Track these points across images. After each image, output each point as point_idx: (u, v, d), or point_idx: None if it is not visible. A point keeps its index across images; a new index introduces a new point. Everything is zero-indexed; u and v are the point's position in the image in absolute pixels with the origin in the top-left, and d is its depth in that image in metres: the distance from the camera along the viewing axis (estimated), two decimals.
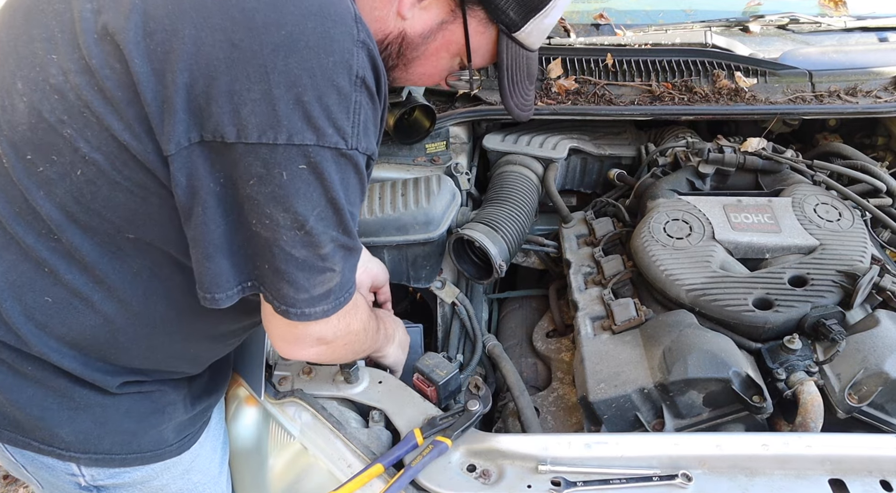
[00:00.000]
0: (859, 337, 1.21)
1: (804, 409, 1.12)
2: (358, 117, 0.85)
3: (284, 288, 0.89)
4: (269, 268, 0.88)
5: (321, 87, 0.81)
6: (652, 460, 1.05)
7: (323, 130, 0.82)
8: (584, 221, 1.73)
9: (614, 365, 1.28)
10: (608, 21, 2.20)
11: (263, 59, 0.80)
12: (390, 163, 1.75)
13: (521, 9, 0.95)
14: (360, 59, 0.84)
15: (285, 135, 0.81)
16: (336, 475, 1.10)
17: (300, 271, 0.88)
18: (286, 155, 0.81)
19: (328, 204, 0.86)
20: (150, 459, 1.11)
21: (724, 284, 1.33)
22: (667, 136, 1.93)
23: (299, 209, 0.84)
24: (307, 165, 0.83)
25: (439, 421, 1.13)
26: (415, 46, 0.99)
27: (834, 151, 1.84)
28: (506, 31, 0.98)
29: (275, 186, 0.83)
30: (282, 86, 0.80)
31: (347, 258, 0.94)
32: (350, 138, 0.84)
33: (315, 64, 0.81)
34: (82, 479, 1.09)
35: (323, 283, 0.91)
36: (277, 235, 0.85)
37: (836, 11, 2.27)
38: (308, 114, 0.81)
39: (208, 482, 1.22)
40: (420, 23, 0.97)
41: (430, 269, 1.62)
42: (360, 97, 0.85)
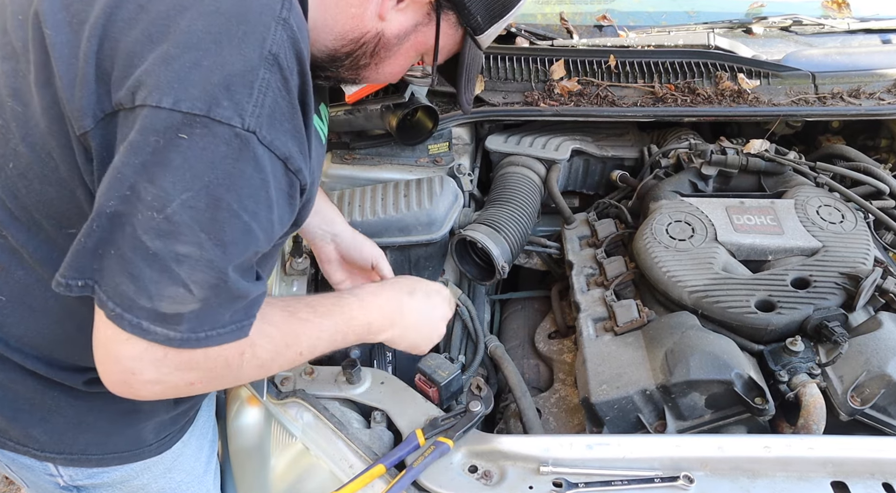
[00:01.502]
0: (862, 339, 1.21)
1: (806, 411, 1.12)
2: (262, 97, 0.76)
3: (124, 284, 0.75)
4: (115, 254, 0.75)
5: (225, 54, 0.74)
6: (654, 461, 1.05)
7: (217, 100, 0.73)
8: (587, 223, 1.73)
9: (616, 367, 1.28)
10: (611, 22, 2.20)
11: (168, 19, 0.75)
12: (393, 164, 1.75)
13: (488, 14, 0.98)
14: (278, 37, 0.77)
15: (171, 98, 0.72)
16: (338, 476, 1.10)
17: (147, 267, 0.74)
18: (168, 120, 0.72)
19: (203, 192, 0.74)
20: (128, 458, 1.09)
21: (726, 285, 1.33)
22: (669, 137, 1.93)
23: (165, 185, 0.73)
24: (188, 136, 0.72)
25: (441, 422, 1.13)
26: (389, 47, 0.98)
27: (837, 153, 1.84)
28: (471, 34, 1.00)
29: (146, 154, 0.73)
30: (181, 46, 0.74)
31: (214, 291, 0.77)
32: (248, 118, 0.74)
33: (223, 29, 0.75)
34: (60, 479, 1.08)
35: (173, 299, 0.76)
36: (134, 210, 0.73)
37: (840, 13, 2.27)
38: (204, 80, 0.73)
39: (192, 480, 1.21)
40: (396, 24, 0.96)
41: (433, 270, 1.63)
42: (269, 76, 0.76)
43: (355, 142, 1.76)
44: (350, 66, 0.98)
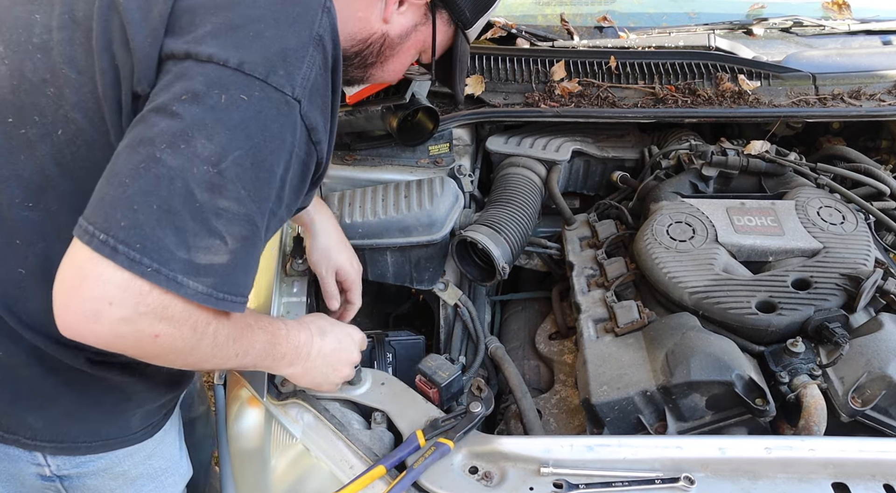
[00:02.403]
0: (863, 340, 1.21)
1: (807, 412, 1.12)
2: (310, 72, 0.86)
3: (167, 237, 0.76)
4: (158, 208, 0.76)
5: (282, 29, 0.84)
6: (654, 462, 1.05)
7: (275, 68, 0.82)
8: (587, 224, 1.73)
9: (617, 367, 1.28)
10: (612, 24, 2.20)
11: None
12: (393, 164, 1.75)
13: (475, 9, 1.11)
14: (324, 21, 0.88)
15: (236, 60, 0.81)
16: (338, 477, 1.10)
17: (192, 220, 0.77)
18: (233, 78, 0.80)
19: (251, 151, 0.81)
20: (114, 445, 1.12)
21: (727, 286, 1.33)
22: (670, 138, 1.93)
23: (223, 141, 0.79)
24: (248, 97, 0.80)
25: (441, 423, 1.13)
26: (393, 46, 1.09)
27: (837, 154, 1.84)
28: (462, 28, 1.12)
29: (208, 108, 0.78)
30: (245, 17, 0.83)
31: (244, 243, 0.83)
32: (297, 88, 0.84)
33: (280, 9, 0.85)
34: (47, 469, 1.09)
35: (208, 250, 0.79)
36: (188, 164, 0.77)
37: (840, 14, 2.27)
38: (264, 48, 0.82)
39: (169, 466, 1.24)
40: (398, 26, 1.08)
41: (433, 271, 1.63)
42: (316, 54, 0.87)
43: (356, 143, 1.76)
44: (359, 64, 1.09)
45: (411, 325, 2.01)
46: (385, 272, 1.62)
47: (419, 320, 2.02)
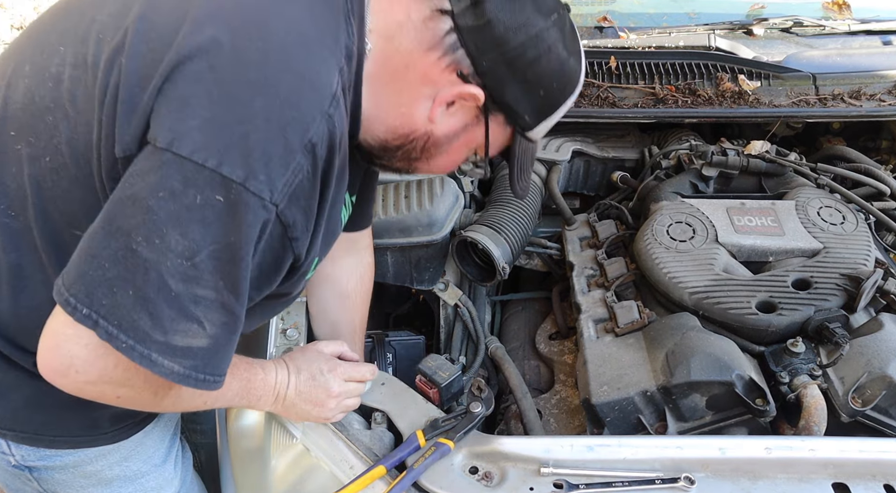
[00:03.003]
0: (863, 341, 1.21)
1: (807, 412, 1.12)
2: (293, 178, 0.84)
3: (142, 320, 0.81)
4: (134, 294, 0.81)
5: (272, 133, 0.82)
6: (654, 463, 1.05)
7: (255, 172, 0.81)
8: (587, 224, 1.73)
9: (617, 368, 1.28)
10: (612, 24, 2.20)
11: (231, 87, 0.82)
12: None
13: (536, 114, 1.01)
14: (320, 129, 0.85)
15: (216, 160, 0.79)
16: (338, 477, 1.10)
17: (168, 307, 0.82)
18: (209, 180, 0.79)
19: (228, 247, 0.82)
20: (80, 444, 1.12)
21: (727, 287, 1.33)
22: (670, 138, 1.93)
23: (197, 238, 0.81)
24: (224, 199, 0.80)
25: (441, 423, 1.13)
26: (439, 145, 1.03)
27: (837, 154, 1.84)
28: (520, 132, 1.04)
29: (183, 207, 0.80)
30: (236, 116, 0.81)
31: (223, 328, 0.86)
32: (276, 193, 0.83)
33: (276, 112, 0.82)
34: (12, 457, 1.11)
35: (185, 334, 0.83)
36: (162, 258, 0.80)
37: (840, 15, 2.27)
38: (248, 151, 0.80)
39: (150, 469, 1.23)
40: (446, 126, 1.01)
41: (434, 271, 1.63)
42: (304, 161, 0.84)
43: None
44: (402, 157, 1.04)
45: (411, 325, 2.01)
46: (385, 272, 1.62)
47: (419, 320, 2.02)
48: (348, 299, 1.39)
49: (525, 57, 0.94)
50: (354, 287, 1.39)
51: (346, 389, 1.15)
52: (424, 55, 0.94)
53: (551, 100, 1.00)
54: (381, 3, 0.95)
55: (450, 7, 0.93)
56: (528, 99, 0.98)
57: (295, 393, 1.11)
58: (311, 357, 1.16)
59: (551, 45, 0.96)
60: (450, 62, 0.94)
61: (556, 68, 0.97)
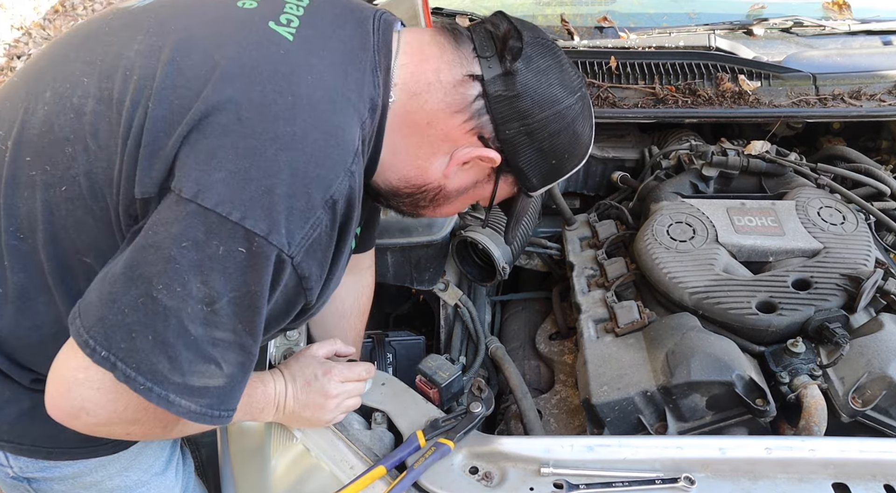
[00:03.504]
0: (863, 341, 1.21)
1: (808, 413, 1.12)
2: (312, 232, 0.86)
3: (161, 364, 0.83)
4: (153, 339, 0.82)
5: (296, 189, 0.83)
6: (654, 463, 1.05)
7: (277, 227, 0.82)
8: (588, 224, 1.73)
9: (617, 368, 1.28)
10: (612, 24, 2.20)
11: (258, 141, 0.82)
12: None
13: (543, 179, 1.06)
14: (342, 186, 0.87)
15: (240, 214, 0.81)
16: (338, 477, 1.10)
17: (187, 350, 0.83)
18: (232, 232, 0.81)
19: (247, 295, 0.85)
20: (79, 455, 1.12)
21: (727, 287, 1.33)
22: (670, 138, 1.93)
23: (218, 286, 0.82)
24: (246, 250, 0.82)
25: (442, 423, 1.13)
26: (448, 198, 1.06)
27: (838, 155, 1.84)
28: (525, 192, 1.08)
29: (205, 257, 0.81)
30: (262, 170, 0.82)
31: (240, 368, 0.89)
32: (293, 246, 0.85)
33: (301, 168, 0.83)
34: (10, 469, 1.12)
35: (203, 374, 0.86)
36: (183, 304, 0.82)
37: (840, 15, 2.27)
38: (271, 206, 0.82)
39: (150, 479, 1.23)
40: (459, 181, 1.04)
41: (434, 271, 1.63)
42: (324, 217, 0.86)
43: None
44: (410, 204, 1.07)
45: (411, 325, 2.01)
46: (385, 273, 1.62)
47: (419, 320, 2.02)
48: (345, 318, 1.40)
49: (546, 130, 0.98)
50: (351, 306, 1.40)
51: (343, 390, 1.15)
52: (450, 117, 0.97)
53: (560, 167, 1.05)
54: (411, 59, 0.98)
55: (480, 73, 0.95)
56: (541, 166, 1.03)
57: (294, 401, 1.12)
58: (304, 363, 1.16)
59: (571, 122, 1.00)
60: (474, 126, 0.97)
61: (572, 142, 1.02)
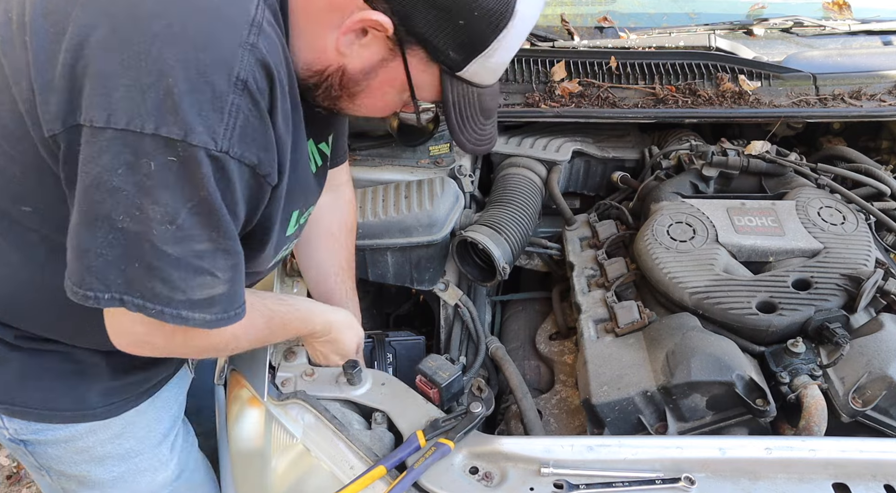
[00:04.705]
0: (863, 341, 1.21)
1: (808, 413, 1.12)
2: (233, 120, 0.82)
3: (158, 287, 0.84)
4: (140, 266, 0.83)
5: (194, 81, 0.78)
6: (655, 463, 1.05)
7: (192, 126, 0.79)
8: (588, 224, 1.73)
9: (617, 368, 1.28)
10: (612, 24, 2.20)
11: (139, 46, 0.78)
12: (394, 165, 1.75)
13: (462, 50, 0.92)
14: (246, 62, 0.81)
15: (152, 124, 0.78)
16: (338, 477, 1.10)
17: (175, 270, 0.84)
18: (154, 145, 0.79)
19: (202, 201, 0.83)
20: (70, 419, 1.14)
21: (727, 287, 1.33)
22: (670, 139, 1.93)
23: (169, 201, 0.81)
24: (176, 158, 0.80)
25: (442, 423, 1.12)
26: (356, 81, 0.97)
27: (838, 155, 1.84)
28: (448, 71, 0.95)
29: (143, 176, 0.80)
30: (153, 74, 0.78)
31: (234, 269, 0.90)
32: (220, 140, 0.81)
33: (191, 57, 0.78)
34: (6, 431, 1.14)
35: (202, 287, 0.87)
36: (148, 228, 0.82)
37: (840, 15, 2.27)
38: (176, 107, 0.78)
39: (143, 448, 1.24)
40: (360, 59, 0.94)
41: (434, 271, 1.62)
42: (239, 100, 0.81)
43: (356, 143, 1.76)
44: (323, 96, 0.99)
45: (411, 325, 2.01)
46: (385, 273, 1.62)
47: (419, 320, 2.02)
48: (333, 238, 1.37)
49: None
50: (338, 225, 1.37)
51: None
52: None
53: (476, 32, 0.90)
54: None
55: None
56: (446, 30, 0.89)
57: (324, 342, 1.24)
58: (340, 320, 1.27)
59: None
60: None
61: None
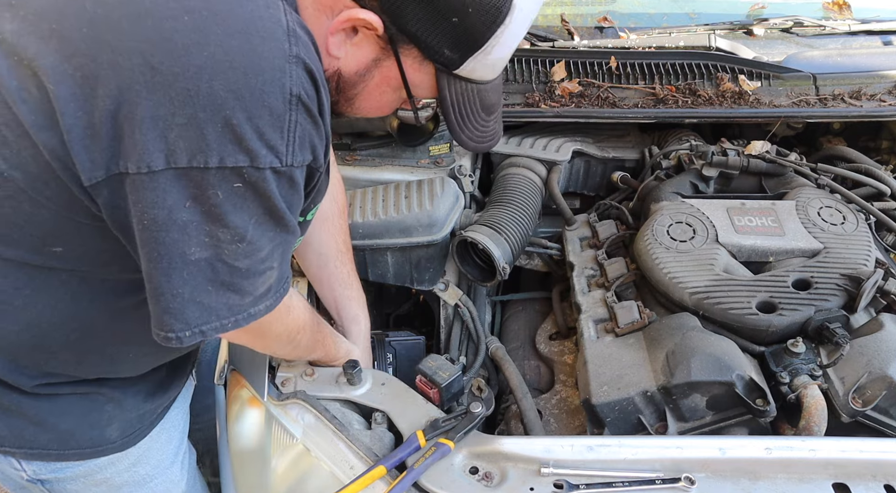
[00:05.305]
0: (863, 341, 1.21)
1: (808, 413, 1.12)
2: (293, 135, 0.82)
3: (232, 299, 0.88)
4: (214, 288, 0.85)
5: (251, 108, 0.77)
6: (655, 463, 1.05)
7: (256, 151, 0.79)
8: (588, 224, 1.73)
9: (617, 368, 1.28)
10: (612, 24, 2.20)
11: (186, 82, 0.75)
12: (394, 165, 1.75)
13: (458, 48, 0.90)
14: (295, 76, 0.80)
15: (216, 158, 0.77)
16: (338, 477, 1.10)
17: (245, 280, 0.88)
18: (219, 177, 0.78)
19: (265, 212, 0.85)
20: (89, 455, 1.13)
21: (727, 287, 1.33)
22: (670, 139, 1.93)
23: (238, 223, 0.83)
24: (243, 184, 0.80)
25: (442, 423, 1.12)
26: (352, 84, 0.96)
27: (838, 155, 1.84)
28: (444, 69, 0.93)
29: (211, 206, 0.80)
30: (208, 109, 0.76)
31: (285, 252, 0.94)
32: (285, 157, 0.82)
33: (242, 85, 0.76)
34: (24, 473, 1.11)
35: (264, 283, 0.92)
36: (219, 251, 0.83)
37: (840, 15, 2.27)
38: (239, 136, 0.77)
39: (157, 473, 1.24)
40: (354, 61, 0.93)
41: (434, 271, 1.62)
42: (297, 116, 0.81)
43: (356, 143, 1.76)
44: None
45: (411, 325, 2.01)
46: (385, 273, 1.62)
47: (419, 320, 2.02)
48: (327, 221, 1.37)
49: None
50: (329, 208, 1.37)
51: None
52: None
53: (471, 29, 0.88)
54: None
55: None
56: (439, 28, 0.88)
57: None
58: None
59: None
60: None
61: None
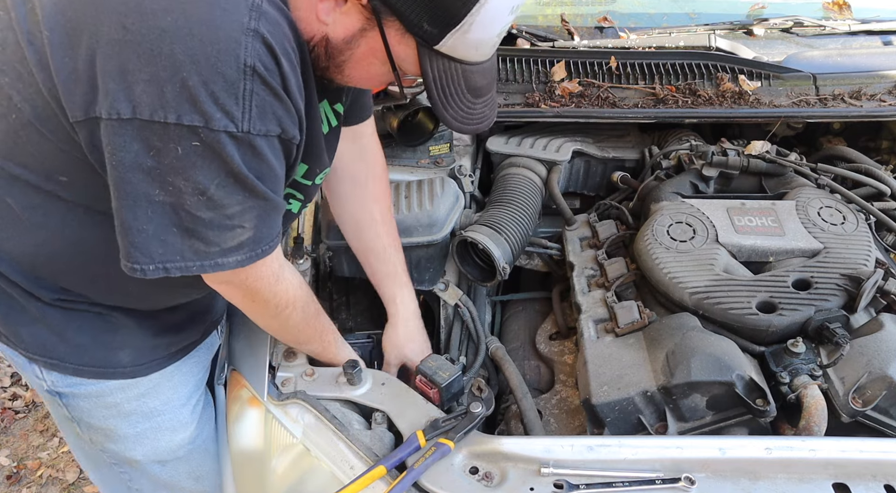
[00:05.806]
0: (863, 341, 1.21)
1: (808, 413, 1.12)
2: (249, 103, 0.87)
3: (196, 245, 0.94)
4: (178, 231, 0.93)
5: (205, 73, 0.84)
6: (655, 463, 1.05)
7: (210, 114, 0.85)
8: (588, 224, 1.73)
9: (617, 368, 1.28)
10: (612, 24, 2.20)
11: (150, 43, 0.83)
12: (394, 165, 1.75)
13: (436, 23, 0.92)
14: (251, 48, 0.86)
15: (174, 115, 0.85)
16: (338, 477, 1.10)
17: (208, 230, 0.93)
18: (178, 133, 0.86)
19: (229, 175, 0.91)
20: (101, 374, 1.21)
21: (727, 287, 1.33)
22: (670, 139, 1.93)
23: (199, 178, 0.89)
24: (200, 143, 0.87)
25: (442, 423, 1.13)
26: (340, 51, 0.99)
27: (838, 155, 1.84)
28: (425, 44, 0.95)
29: (173, 159, 0.87)
30: (168, 70, 0.83)
31: (261, 217, 0.98)
32: (240, 122, 0.87)
33: (199, 51, 0.84)
34: (44, 382, 1.21)
35: (232, 238, 0.96)
36: (181, 199, 0.90)
37: (840, 15, 2.27)
38: (194, 98, 0.84)
39: (166, 410, 1.30)
40: (342, 28, 0.96)
41: (434, 271, 1.62)
42: (252, 85, 0.87)
43: None
44: (314, 66, 1.01)
45: None
46: None
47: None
48: (359, 186, 1.41)
49: None
50: (365, 174, 1.41)
51: None
52: None
53: (447, 5, 0.90)
54: None
55: None
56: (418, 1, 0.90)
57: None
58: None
59: None
60: None
61: None
